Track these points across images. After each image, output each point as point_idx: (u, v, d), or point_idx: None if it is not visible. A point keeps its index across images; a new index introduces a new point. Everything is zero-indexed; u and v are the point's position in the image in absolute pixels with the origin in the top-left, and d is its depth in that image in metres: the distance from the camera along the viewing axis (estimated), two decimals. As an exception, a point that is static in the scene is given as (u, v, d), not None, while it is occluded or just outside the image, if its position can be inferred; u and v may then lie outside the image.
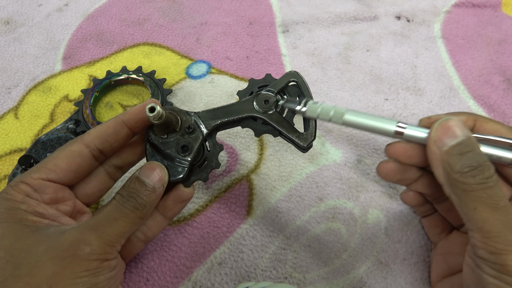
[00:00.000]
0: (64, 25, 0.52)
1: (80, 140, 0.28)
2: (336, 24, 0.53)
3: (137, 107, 0.29)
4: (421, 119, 0.29)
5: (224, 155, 0.40)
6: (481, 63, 0.48)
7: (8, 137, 0.42)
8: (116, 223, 0.25)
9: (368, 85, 0.46)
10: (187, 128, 0.29)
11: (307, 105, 0.29)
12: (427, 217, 0.34)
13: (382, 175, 0.30)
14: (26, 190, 0.26)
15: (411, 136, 0.28)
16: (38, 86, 0.46)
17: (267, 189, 0.38)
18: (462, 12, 0.54)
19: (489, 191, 0.24)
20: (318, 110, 0.29)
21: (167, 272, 0.34)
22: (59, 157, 0.27)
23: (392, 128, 0.28)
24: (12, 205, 0.25)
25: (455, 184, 0.25)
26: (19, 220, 0.24)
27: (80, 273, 0.23)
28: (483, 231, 0.23)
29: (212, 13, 0.54)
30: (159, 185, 0.27)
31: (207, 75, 0.47)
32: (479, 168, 0.24)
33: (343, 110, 0.29)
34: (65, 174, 0.27)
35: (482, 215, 0.23)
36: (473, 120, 0.29)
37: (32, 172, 0.26)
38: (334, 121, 0.29)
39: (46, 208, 0.26)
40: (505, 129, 0.28)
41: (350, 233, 0.35)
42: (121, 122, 0.29)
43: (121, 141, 0.29)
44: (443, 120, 0.27)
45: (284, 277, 0.33)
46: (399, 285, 0.33)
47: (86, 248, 0.23)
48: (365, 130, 0.29)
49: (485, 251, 0.23)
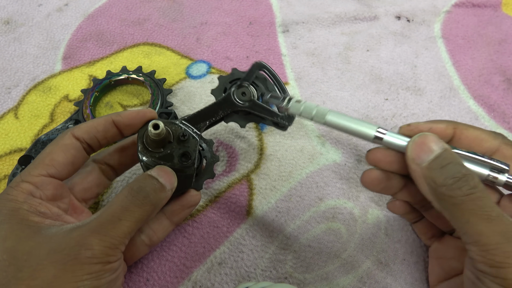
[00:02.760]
0: (64, 25, 0.52)
1: (71, 133, 0.28)
2: (336, 24, 0.53)
3: (131, 113, 0.29)
4: (401, 127, 0.29)
5: (224, 155, 0.40)
6: (481, 63, 0.48)
7: (8, 137, 0.42)
8: (120, 224, 0.24)
9: (368, 85, 0.46)
10: (182, 136, 0.29)
11: (290, 103, 0.30)
12: (416, 223, 0.34)
13: (366, 184, 0.30)
14: (28, 189, 0.25)
15: (390, 142, 0.28)
16: (38, 86, 0.46)
17: (267, 189, 0.38)
18: (462, 12, 0.54)
19: (478, 202, 0.23)
20: (301, 108, 0.29)
21: (167, 272, 0.34)
22: (54, 152, 0.27)
23: (372, 133, 0.28)
24: (14, 205, 0.25)
25: (443, 199, 0.24)
26: (21, 221, 0.24)
27: (82, 277, 0.23)
28: (480, 244, 0.22)
29: (212, 13, 0.54)
30: (169, 187, 0.27)
31: (207, 75, 0.47)
32: (463, 179, 0.24)
33: (325, 110, 0.29)
34: (63, 168, 0.27)
35: (476, 228, 0.23)
36: (452, 128, 0.28)
37: (31, 170, 0.26)
38: (316, 121, 0.29)
39: (49, 206, 0.26)
40: (485, 134, 0.28)
41: (350, 233, 0.35)
42: (111, 122, 0.29)
43: (109, 139, 0.29)
44: (416, 137, 0.26)
45: (284, 277, 0.33)
46: (399, 285, 0.33)
47: (88, 252, 0.23)
48: (346, 132, 0.29)
49: (484, 265, 0.22)
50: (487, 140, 0.28)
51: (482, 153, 0.28)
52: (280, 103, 0.30)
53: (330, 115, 0.29)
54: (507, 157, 0.27)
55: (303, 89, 0.46)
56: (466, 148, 0.28)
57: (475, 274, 0.23)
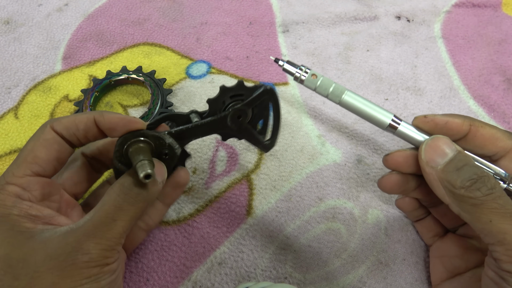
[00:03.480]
0: (64, 25, 0.52)
1: (50, 126, 0.26)
2: (336, 24, 0.53)
3: (114, 117, 0.26)
4: (416, 117, 0.28)
5: (224, 155, 0.40)
6: (481, 63, 0.48)
7: (8, 137, 0.42)
8: (115, 225, 0.24)
9: (368, 85, 0.46)
10: (164, 155, 0.28)
11: (307, 75, 0.28)
12: (419, 221, 0.34)
13: (386, 189, 0.30)
14: (15, 191, 0.24)
15: (404, 133, 0.27)
16: (38, 86, 0.46)
17: (267, 189, 0.38)
18: (462, 12, 0.54)
19: (500, 200, 0.23)
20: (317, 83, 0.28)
21: (167, 272, 0.34)
22: (36, 148, 0.25)
23: (387, 121, 0.27)
24: (3, 211, 0.23)
25: (462, 200, 0.24)
26: (12, 227, 0.23)
27: (81, 281, 0.22)
28: (505, 243, 0.22)
29: (212, 13, 0.54)
30: (160, 179, 0.27)
31: (207, 75, 0.47)
32: (480, 180, 0.23)
33: (343, 89, 0.28)
34: (48, 164, 0.25)
35: (500, 227, 0.22)
36: (468, 124, 0.28)
37: (15, 170, 0.24)
38: (330, 98, 0.28)
39: (40, 209, 0.24)
40: (501, 133, 0.28)
41: (350, 233, 0.35)
42: (93, 121, 0.26)
43: (90, 139, 0.27)
44: (429, 140, 0.27)
45: (284, 277, 0.33)
46: (399, 285, 0.33)
47: (85, 257, 0.22)
48: (360, 115, 0.28)
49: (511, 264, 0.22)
50: (502, 139, 0.27)
51: (496, 152, 0.28)
52: (296, 72, 0.28)
53: (348, 96, 0.28)
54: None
55: (303, 89, 0.46)
56: (481, 146, 0.28)
57: (500, 274, 0.23)
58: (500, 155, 0.28)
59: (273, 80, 0.46)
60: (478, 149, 0.28)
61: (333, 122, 0.43)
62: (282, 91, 0.45)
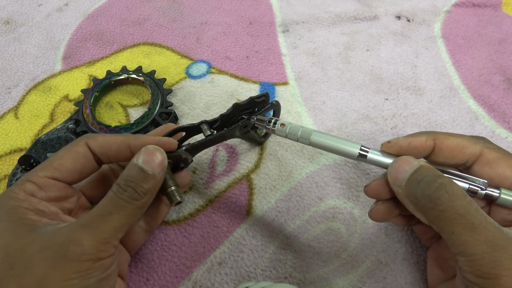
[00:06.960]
0: (64, 25, 0.52)
1: (85, 142, 0.28)
2: (336, 24, 0.53)
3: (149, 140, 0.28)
4: (382, 144, 0.30)
5: (224, 155, 0.40)
6: (481, 63, 0.48)
7: (8, 137, 0.42)
8: (110, 218, 0.24)
9: (368, 85, 0.46)
10: (180, 168, 0.31)
11: (276, 126, 0.32)
12: (416, 225, 0.34)
13: (379, 221, 0.30)
14: (31, 188, 0.25)
15: (373, 159, 0.29)
16: (38, 86, 0.46)
17: (267, 189, 0.38)
18: (462, 12, 0.54)
19: (460, 210, 0.23)
20: (287, 131, 0.31)
21: (167, 272, 0.34)
22: (65, 157, 0.27)
23: (356, 151, 0.29)
24: (14, 203, 0.24)
25: (426, 212, 0.24)
26: (18, 219, 0.24)
27: (70, 275, 0.22)
28: (466, 255, 0.23)
29: (212, 13, 0.54)
30: (159, 171, 0.26)
31: (207, 75, 0.47)
32: (439, 187, 0.24)
33: (310, 131, 0.31)
34: (69, 174, 0.27)
35: (461, 239, 0.23)
36: (432, 139, 0.28)
37: (38, 171, 0.26)
38: (301, 141, 0.31)
39: (48, 205, 0.26)
40: (466, 141, 0.28)
41: (350, 233, 0.35)
42: (127, 145, 0.28)
43: (120, 160, 0.29)
44: (393, 162, 0.28)
45: (284, 277, 0.33)
46: (399, 285, 0.33)
47: (77, 248, 0.22)
48: (331, 151, 0.30)
49: (472, 275, 0.22)
50: (468, 146, 0.28)
51: (466, 159, 0.28)
52: (267, 126, 0.32)
53: (315, 136, 0.30)
54: (491, 161, 0.28)
55: (303, 89, 0.46)
56: (450, 157, 0.28)
57: (464, 284, 0.24)
58: (471, 162, 0.28)
59: (273, 80, 0.46)
60: (449, 160, 0.29)
61: (333, 122, 0.43)
62: (282, 91, 0.45)
